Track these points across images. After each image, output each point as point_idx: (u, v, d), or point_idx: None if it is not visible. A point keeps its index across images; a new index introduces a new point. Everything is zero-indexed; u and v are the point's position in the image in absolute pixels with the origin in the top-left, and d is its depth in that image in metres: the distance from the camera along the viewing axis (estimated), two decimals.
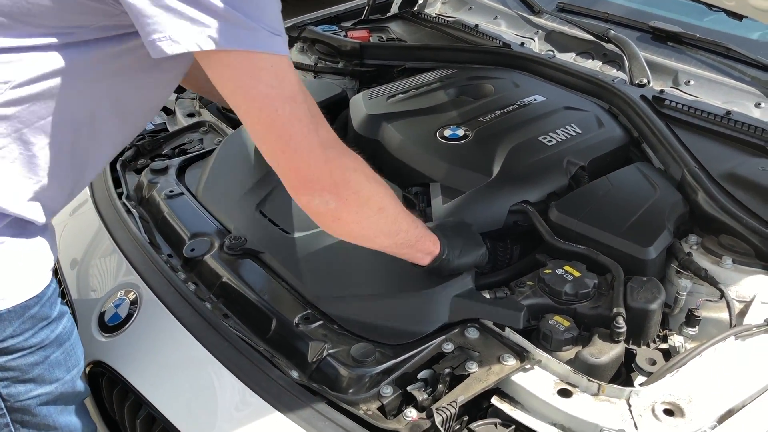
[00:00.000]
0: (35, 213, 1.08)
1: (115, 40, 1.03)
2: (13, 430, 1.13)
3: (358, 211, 1.10)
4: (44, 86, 1.00)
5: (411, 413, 1.11)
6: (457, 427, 1.12)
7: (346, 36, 2.40)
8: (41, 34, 0.99)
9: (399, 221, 1.17)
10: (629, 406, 1.09)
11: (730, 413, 1.07)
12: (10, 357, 1.08)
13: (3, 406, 1.10)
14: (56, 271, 1.27)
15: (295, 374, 1.20)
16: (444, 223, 1.34)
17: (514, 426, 1.11)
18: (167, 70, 1.14)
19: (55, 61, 1.00)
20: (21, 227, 1.08)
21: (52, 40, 0.99)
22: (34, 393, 1.12)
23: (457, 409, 1.09)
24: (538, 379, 1.15)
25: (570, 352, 1.21)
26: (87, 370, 1.37)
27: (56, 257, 1.17)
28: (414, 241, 1.21)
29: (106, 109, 1.11)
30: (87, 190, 1.73)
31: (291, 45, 2.42)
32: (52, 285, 1.14)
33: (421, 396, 1.14)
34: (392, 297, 1.32)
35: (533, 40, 2.29)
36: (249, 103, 0.98)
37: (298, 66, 2.28)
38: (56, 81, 1.01)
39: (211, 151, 1.83)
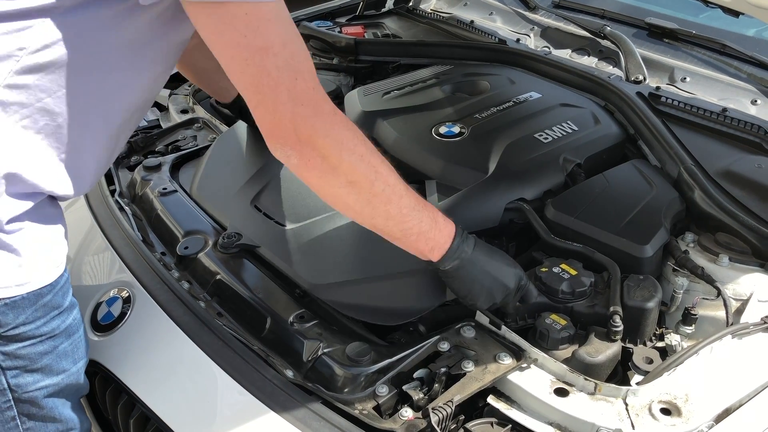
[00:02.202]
0: (66, 188, 1.07)
1: None
2: (19, 423, 1.12)
3: (322, 177, 1.06)
4: (61, 51, 0.99)
5: (407, 413, 1.10)
6: (453, 427, 1.11)
7: (340, 32, 2.39)
8: None
9: (376, 204, 1.09)
10: (626, 405, 1.08)
11: (727, 412, 1.07)
12: (20, 345, 1.07)
13: (11, 398, 1.09)
14: None
15: (289, 373, 1.19)
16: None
17: (510, 425, 1.11)
18: (180, 28, 1.13)
19: (68, 24, 0.99)
20: (41, 212, 1.06)
21: (62, 1, 0.98)
22: (42, 384, 1.12)
23: (453, 408, 1.08)
24: (535, 378, 1.15)
25: (566, 351, 1.20)
26: None
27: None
28: (406, 234, 1.13)
29: (130, 74, 1.10)
30: None
31: None
32: (65, 274, 1.13)
33: (417, 395, 1.13)
34: (390, 278, 1.31)
35: (529, 36, 2.28)
36: (222, 50, 0.99)
37: None
38: (73, 45, 0.99)
39: (204, 148, 1.81)
